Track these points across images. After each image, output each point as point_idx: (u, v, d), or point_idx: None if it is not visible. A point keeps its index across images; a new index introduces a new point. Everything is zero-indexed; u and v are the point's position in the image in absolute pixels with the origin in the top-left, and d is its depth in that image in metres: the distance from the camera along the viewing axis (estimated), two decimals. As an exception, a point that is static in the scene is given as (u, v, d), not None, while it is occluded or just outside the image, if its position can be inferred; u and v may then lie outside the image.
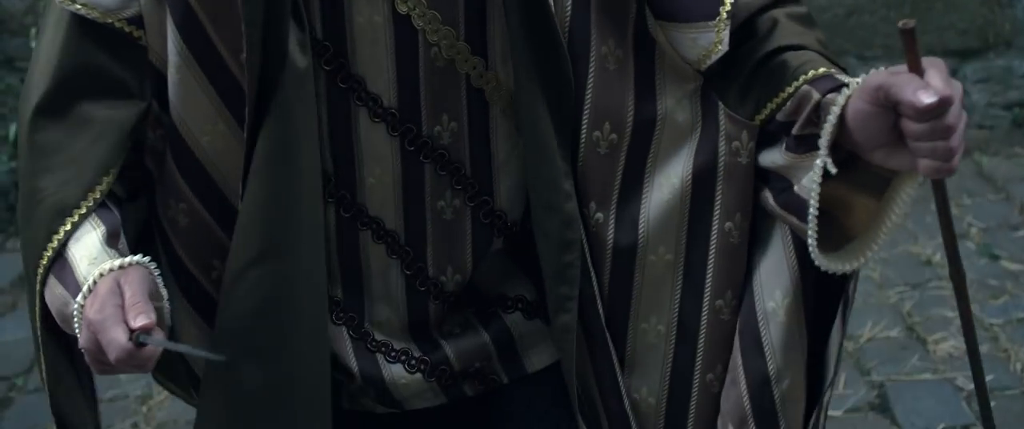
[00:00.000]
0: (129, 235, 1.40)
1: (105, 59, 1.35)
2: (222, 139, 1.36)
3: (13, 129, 4.41)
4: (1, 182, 4.43)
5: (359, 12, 1.31)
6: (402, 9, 1.32)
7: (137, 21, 1.34)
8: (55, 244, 1.32)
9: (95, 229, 1.33)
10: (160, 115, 1.38)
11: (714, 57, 1.33)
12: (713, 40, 1.32)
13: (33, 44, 4.27)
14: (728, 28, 1.31)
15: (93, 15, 1.33)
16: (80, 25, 1.34)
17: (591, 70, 1.34)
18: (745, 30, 1.36)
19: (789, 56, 1.34)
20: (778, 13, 1.38)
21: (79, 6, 1.33)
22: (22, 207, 1.39)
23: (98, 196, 1.34)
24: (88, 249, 1.31)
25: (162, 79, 1.35)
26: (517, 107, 1.35)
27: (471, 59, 1.35)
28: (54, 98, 1.36)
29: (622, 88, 1.35)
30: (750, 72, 1.35)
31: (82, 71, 1.35)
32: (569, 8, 1.32)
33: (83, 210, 1.33)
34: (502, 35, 1.33)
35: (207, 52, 1.32)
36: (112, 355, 1.22)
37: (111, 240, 1.33)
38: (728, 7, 1.31)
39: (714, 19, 1.31)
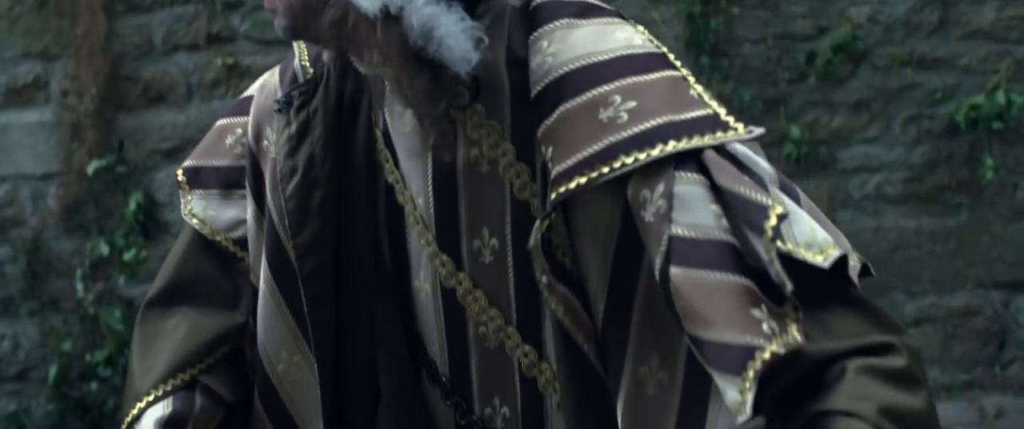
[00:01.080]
0: None
1: (212, 271, 1.54)
2: (296, 369, 1.47)
3: (53, 371, 4.42)
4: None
5: (416, 275, 1.38)
6: (449, 284, 1.31)
7: (242, 243, 1.52)
8: (128, 420, 1.50)
9: (159, 413, 1.48)
10: (255, 334, 1.51)
11: (741, 420, 1.15)
12: (737, 400, 1.14)
13: (79, 284, 4.33)
14: (753, 390, 1.14)
15: (205, 231, 1.54)
16: (197, 238, 1.54)
17: (622, 391, 1.26)
18: (813, 380, 1.20)
19: (831, 424, 1.16)
20: (853, 364, 1.18)
21: (197, 222, 1.55)
22: (125, 384, 1.58)
23: (169, 388, 1.49)
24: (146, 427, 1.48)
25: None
26: (566, 414, 1.31)
27: (522, 347, 1.33)
28: (163, 296, 1.55)
29: (660, 414, 1.24)
30: None
31: (190, 278, 1.54)
32: (600, 318, 1.27)
33: (151, 397, 1.49)
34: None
35: (292, 285, 1.44)
36: None
37: (168, 425, 1.48)
38: (758, 365, 1.13)
39: (738, 374, 1.15)
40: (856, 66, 4.42)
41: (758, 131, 1.25)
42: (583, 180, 1.24)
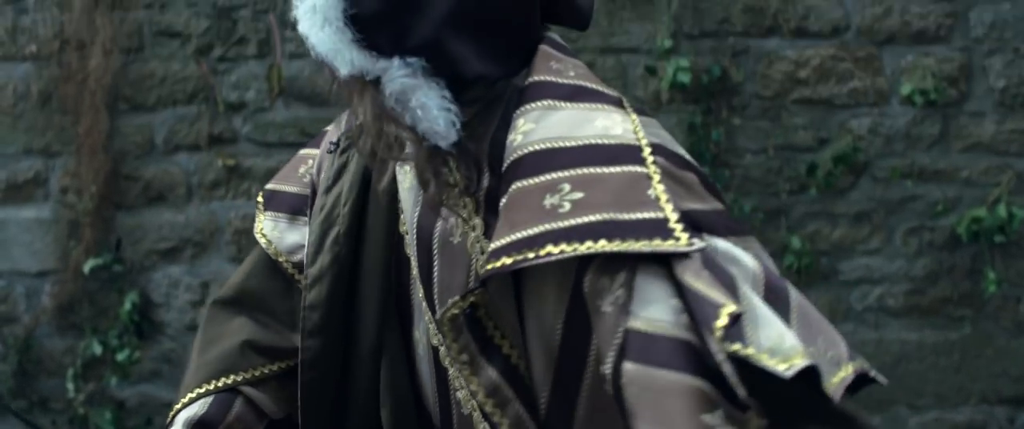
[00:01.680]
0: None
1: (276, 289, 1.64)
2: None
3: (40, 471, 4.34)
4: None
5: (416, 326, 1.45)
6: (435, 341, 1.41)
7: (301, 267, 1.58)
8: (172, 412, 1.60)
9: (191, 412, 1.58)
10: None
11: None
12: None
13: (70, 384, 4.27)
14: None
15: (270, 251, 1.66)
16: (266, 256, 1.66)
17: None
18: None
19: None
20: None
21: (264, 241, 1.66)
22: None
23: (210, 389, 1.58)
24: (176, 426, 1.58)
25: None
26: None
27: (483, 422, 1.34)
28: (232, 299, 1.67)
29: None
30: None
31: (255, 290, 1.65)
32: (544, 408, 1.29)
33: (194, 395, 1.58)
34: None
35: None
36: None
37: (196, 426, 1.57)
38: None
39: None
40: (857, 178, 4.42)
41: (698, 245, 1.22)
42: (509, 261, 1.25)
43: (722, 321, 1.15)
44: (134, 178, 4.48)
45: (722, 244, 1.24)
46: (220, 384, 1.60)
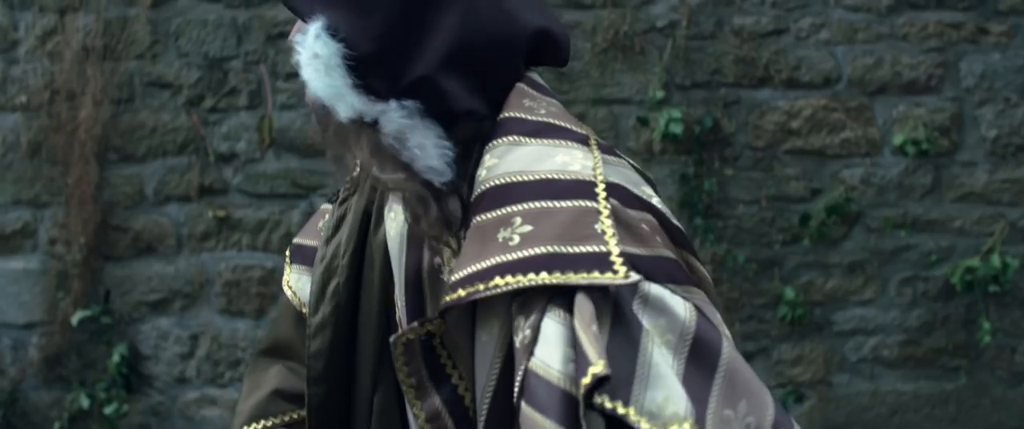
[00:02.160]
0: None
1: (299, 337, 1.70)
2: None
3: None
4: None
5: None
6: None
7: None
8: None
9: None
10: None
11: None
12: None
13: (55, 438, 4.21)
14: None
15: (295, 302, 1.71)
16: (291, 305, 1.72)
17: None
18: None
19: None
20: None
21: (289, 292, 1.72)
22: None
23: None
24: None
25: None
26: None
27: None
28: (269, 349, 1.76)
29: None
30: None
31: (286, 340, 1.73)
32: None
33: None
34: None
35: None
36: None
37: None
38: None
39: None
40: (850, 228, 4.41)
41: (634, 278, 1.25)
42: (463, 293, 1.29)
43: (586, 379, 1.19)
44: (123, 229, 4.45)
45: (655, 290, 1.27)
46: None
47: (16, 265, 4.45)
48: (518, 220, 1.31)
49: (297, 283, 1.74)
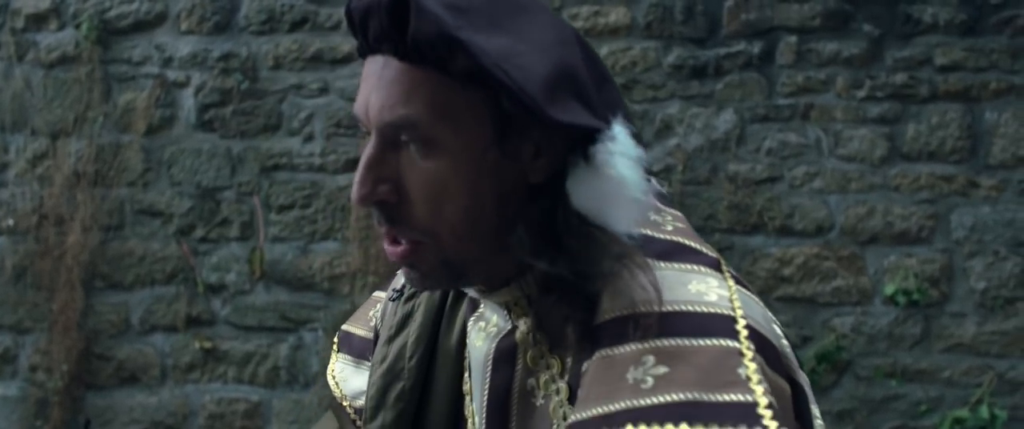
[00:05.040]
0: None
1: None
2: None
3: None
4: None
5: None
6: None
7: (362, 413, 1.54)
8: None
9: None
10: None
11: None
12: None
13: None
14: None
15: (337, 393, 1.61)
16: (331, 420, 1.62)
17: None
18: None
19: None
20: None
21: (333, 383, 1.61)
22: None
23: None
24: None
25: None
26: None
27: None
28: None
29: None
30: None
31: None
32: None
33: None
34: None
35: None
36: None
37: None
38: None
39: None
40: (840, 376, 4.40)
41: None
42: None
43: None
44: (107, 358, 4.38)
45: None
46: None
47: (-3, 398, 4.37)
48: (651, 359, 1.17)
49: (342, 374, 1.61)
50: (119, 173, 4.40)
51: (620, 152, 1.21)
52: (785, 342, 1.25)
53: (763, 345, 1.20)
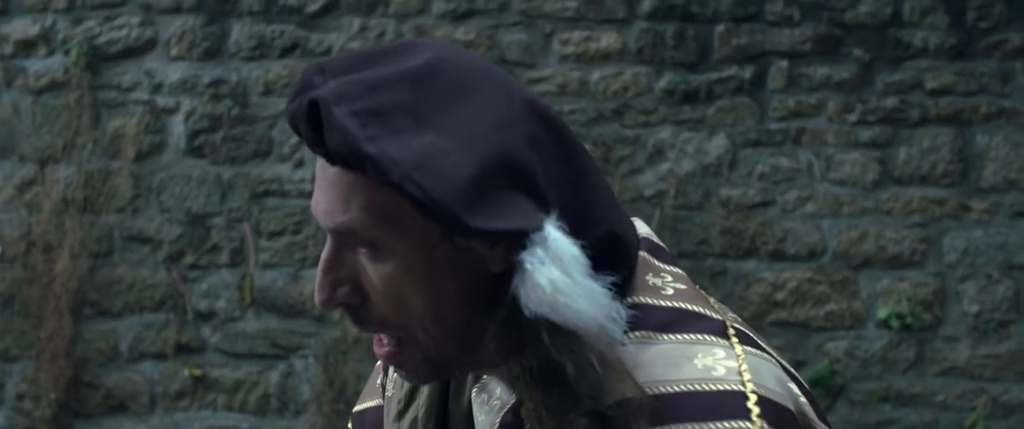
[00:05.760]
0: None
1: None
2: None
3: None
4: None
5: None
6: None
7: None
8: None
9: None
10: None
11: None
12: None
13: None
14: None
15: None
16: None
17: None
18: None
19: None
20: None
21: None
22: None
23: None
24: None
25: None
26: None
27: None
28: None
29: None
30: None
31: None
32: None
33: None
34: None
35: None
36: None
37: None
38: None
39: None
40: (834, 401, 4.39)
41: None
42: None
43: None
44: (95, 386, 4.34)
45: None
46: None
47: (-16, 426, 4.33)
48: None
49: None
50: (108, 199, 4.37)
51: (553, 257, 1.14)
52: (803, 399, 1.21)
53: (778, 418, 1.16)
